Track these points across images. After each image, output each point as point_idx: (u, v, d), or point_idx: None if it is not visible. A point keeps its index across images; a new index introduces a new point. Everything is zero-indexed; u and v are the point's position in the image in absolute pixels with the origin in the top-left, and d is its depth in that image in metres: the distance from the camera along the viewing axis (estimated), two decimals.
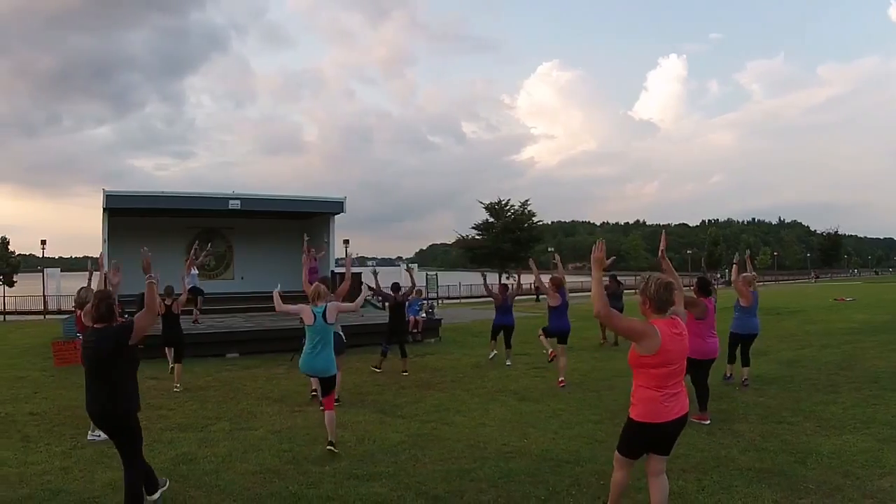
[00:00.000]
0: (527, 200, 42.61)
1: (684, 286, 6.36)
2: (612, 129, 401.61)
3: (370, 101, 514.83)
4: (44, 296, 35.23)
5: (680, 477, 5.42)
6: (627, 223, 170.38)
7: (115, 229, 19.62)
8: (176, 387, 9.97)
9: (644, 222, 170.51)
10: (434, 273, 44.83)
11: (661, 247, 5.70)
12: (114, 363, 4.50)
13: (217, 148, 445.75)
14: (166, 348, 11.21)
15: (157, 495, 4.87)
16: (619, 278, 16.42)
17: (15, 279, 49.66)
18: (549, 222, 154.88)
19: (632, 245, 69.12)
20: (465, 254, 45.22)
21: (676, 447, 6.08)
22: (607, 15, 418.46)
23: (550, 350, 10.17)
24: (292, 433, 7.21)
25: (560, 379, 9.80)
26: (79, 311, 7.28)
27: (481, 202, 42.72)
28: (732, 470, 5.64)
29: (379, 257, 50.97)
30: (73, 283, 34.67)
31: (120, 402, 4.52)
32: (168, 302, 10.15)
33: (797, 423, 7.22)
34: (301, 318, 6.91)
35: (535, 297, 32.46)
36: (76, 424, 7.61)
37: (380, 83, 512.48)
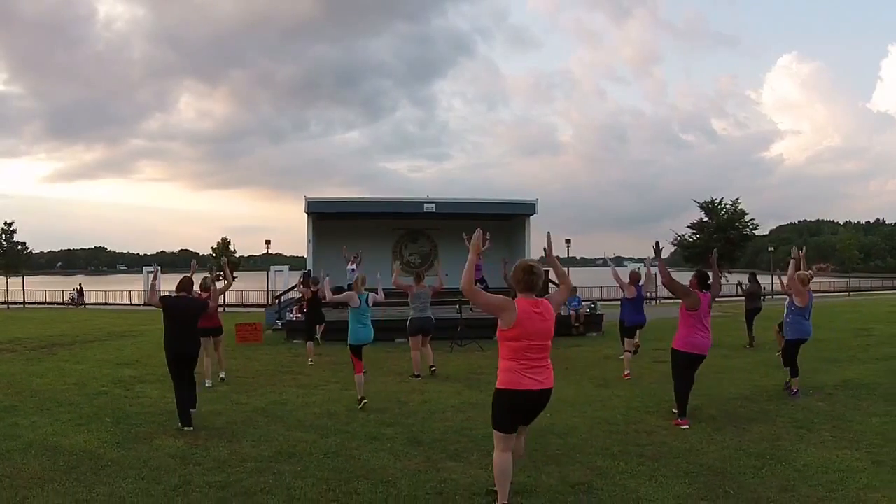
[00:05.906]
0: (737, 199, 41.02)
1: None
2: (854, 122, 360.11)
3: (622, 100, 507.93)
4: (268, 290, 39.43)
5: (641, 463, 5.60)
6: (868, 222, 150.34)
7: (322, 231, 22.75)
8: (310, 361, 12.01)
9: (884, 221, 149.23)
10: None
11: (546, 246, 5.27)
12: (196, 321, 6.86)
13: (472, 150, 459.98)
14: (317, 326, 13.07)
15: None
16: (757, 277, 15.22)
17: (235, 276, 54.42)
18: (796, 221, 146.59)
19: (845, 244, 60.42)
20: (679, 252, 44.56)
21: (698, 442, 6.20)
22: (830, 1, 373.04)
23: (627, 371, 10.06)
24: (379, 395, 8.67)
25: (626, 372, 10.08)
26: (201, 293, 9.21)
27: (696, 201, 41.81)
28: (693, 464, 5.55)
29: (636, 257, 51.53)
30: None
31: (198, 345, 7.00)
32: (314, 289, 12.24)
33: (817, 432, 6.56)
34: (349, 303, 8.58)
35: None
36: (272, 382, 10.02)
37: (630, 82, 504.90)
